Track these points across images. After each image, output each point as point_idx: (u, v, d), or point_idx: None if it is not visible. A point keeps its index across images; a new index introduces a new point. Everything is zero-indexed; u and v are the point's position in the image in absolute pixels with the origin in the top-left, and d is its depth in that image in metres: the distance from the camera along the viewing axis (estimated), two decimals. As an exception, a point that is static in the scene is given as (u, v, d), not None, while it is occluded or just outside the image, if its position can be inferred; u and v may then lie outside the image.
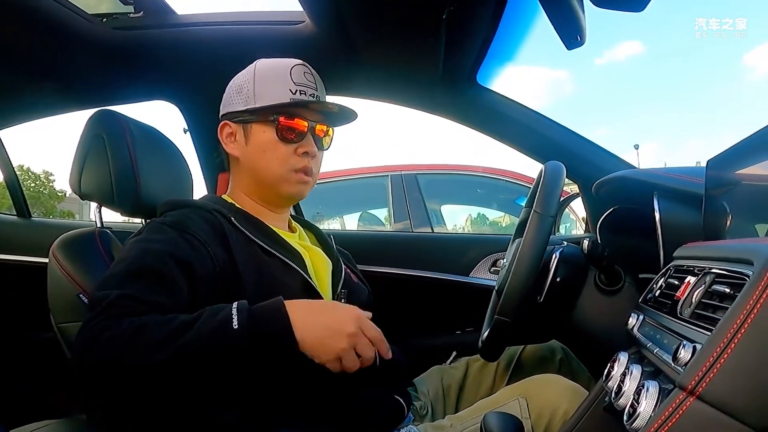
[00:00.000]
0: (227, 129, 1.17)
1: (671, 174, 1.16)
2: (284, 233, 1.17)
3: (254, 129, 1.13)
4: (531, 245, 1.06)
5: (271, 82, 1.11)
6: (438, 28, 1.26)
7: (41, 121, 1.91)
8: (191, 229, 0.99)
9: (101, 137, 1.25)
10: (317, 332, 0.85)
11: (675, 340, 0.73)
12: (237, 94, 1.14)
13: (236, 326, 0.81)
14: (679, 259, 0.96)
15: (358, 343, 0.86)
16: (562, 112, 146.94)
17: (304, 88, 1.12)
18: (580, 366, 1.32)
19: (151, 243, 0.95)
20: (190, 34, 1.50)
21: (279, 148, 1.12)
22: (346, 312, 0.88)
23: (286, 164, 1.12)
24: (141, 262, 0.90)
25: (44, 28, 1.37)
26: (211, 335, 0.80)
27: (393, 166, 3.71)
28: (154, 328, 0.80)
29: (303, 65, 1.15)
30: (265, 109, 1.11)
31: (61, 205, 24.96)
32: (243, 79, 1.15)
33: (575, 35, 1.01)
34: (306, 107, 1.13)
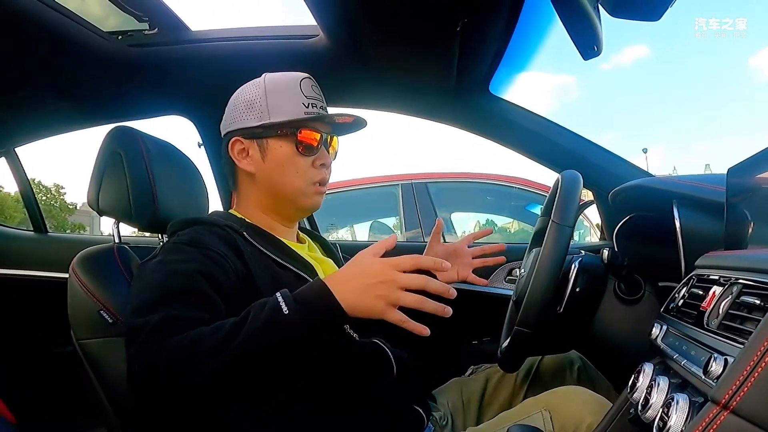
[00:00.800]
0: (239, 145, 1.16)
1: (690, 182, 1.16)
2: (294, 245, 1.18)
3: (271, 144, 1.13)
4: (550, 256, 1.05)
5: (284, 96, 1.12)
6: (451, 40, 1.26)
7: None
8: (209, 245, 1.00)
9: (118, 154, 1.26)
10: (359, 296, 0.84)
11: (704, 352, 0.72)
12: (248, 110, 1.14)
13: (287, 311, 0.81)
14: (701, 269, 0.95)
15: (400, 282, 0.84)
16: (568, 117, 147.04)
17: (314, 101, 1.13)
18: (599, 376, 1.31)
19: (175, 264, 0.95)
20: (204, 50, 1.51)
21: (298, 161, 1.13)
22: (374, 266, 0.86)
23: (305, 177, 1.13)
24: (172, 283, 0.91)
25: (61, 47, 1.38)
26: (265, 326, 0.81)
27: (403, 174, 3.71)
28: (209, 337, 0.81)
29: (309, 79, 1.16)
30: (282, 125, 1.11)
31: (72, 217, 25.20)
32: (253, 95, 1.14)
33: (592, 45, 1.01)
34: (322, 120, 1.14)
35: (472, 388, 1.33)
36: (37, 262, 1.96)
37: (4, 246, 2.04)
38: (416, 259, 0.86)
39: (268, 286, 1.01)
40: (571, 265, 1.18)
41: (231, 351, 0.79)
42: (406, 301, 0.84)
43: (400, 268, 0.85)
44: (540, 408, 1.06)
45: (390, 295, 0.83)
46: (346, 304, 0.83)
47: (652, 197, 1.26)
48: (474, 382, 1.35)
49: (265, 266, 1.05)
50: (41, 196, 25.66)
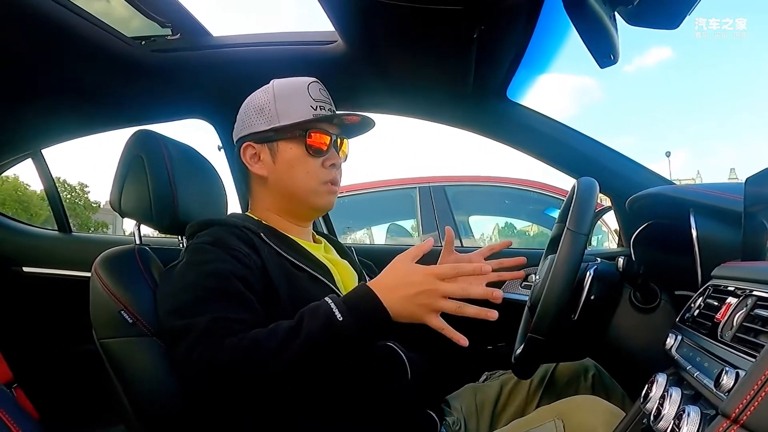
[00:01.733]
0: (250, 150, 1.18)
1: (707, 191, 1.15)
2: (310, 246, 1.20)
3: (281, 147, 1.16)
4: (565, 263, 1.05)
5: (292, 100, 1.15)
6: (469, 46, 1.27)
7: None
8: (233, 245, 1.02)
9: (140, 157, 1.29)
10: (405, 303, 0.89)
11: (716, 365, 0.72)
12: (258, 115, 1.17)
13: (341, 318, 0.87)
14: (717, 279, 0.94)
15: (442, 291, 0.89)
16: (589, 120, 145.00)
17: (322, 104, 1.16)
18: (614, 384, 1.30)
19: (206, 265, 0.98)
20: (225, 55, 1.54)
21: (308, 162, 1.15)
22: (417, 275, 0.90)
23: (316, 177, 1.16)
24: (207, 285, 0.95)
25: (86, 52, 1.42)
26: (322, 332, 0.87)
27: (421, 177, 3.72)
28: (266, 340, 0.87)
29: (317, 82, 1.18)
30: (291, 127, 1.13)
31: (95, 216, 25.63)
32: (262, 100, 1.17)
33: (608, 54, 1.01)
34: (330, 121, 1.16)
35: (486, 393, 1.33)
36: (60, 261, 2.01)
37: (30, 245, 2.10)
38: (457, 268, 0.91)
39: (284, 287, 1.03)
40: (586, 273, 1.18)
41: (291, 354, 0.85)
42: (447, 307, 0.89)
43: (442, 278, 0.90)
44: (553, 417, 1.05)
45: (433, 303, 0.89)
46: (393, 310, 0.89)
47: (669, 205, 1.25)
48: (488, 388, 1.34)
49: (281, 266, 1.07)
50: (66, 194, 26.14)
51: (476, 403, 1.30)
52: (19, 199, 21.74)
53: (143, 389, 1.11)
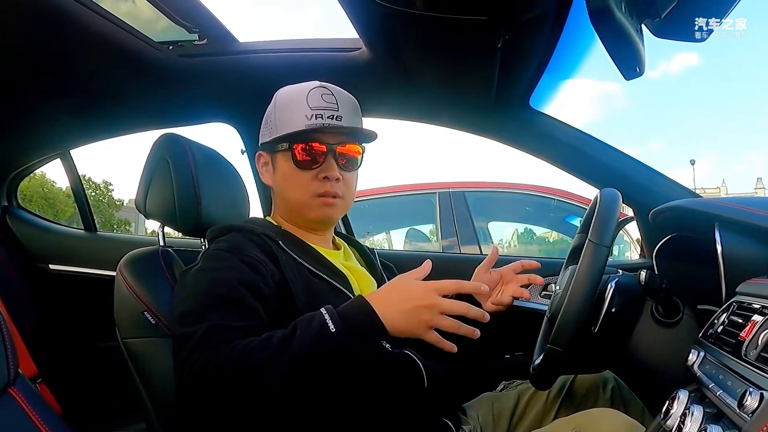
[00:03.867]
0: (262, 159, 1.21)
1: (734, 205, 1.13)
2: (329, 252, 1.19)
3: (278, 158, 1.16)
4: (586, 275, 1.04)
5: (288, 110, 1.14)
6: (493, 55, 1.27)
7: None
8: (249, 252, 1.02)
9: (166, 160, 1.31)
10: (401, 317, 0.88)
11: (740, 384, 0.71)
12: (265, 125, 1.19)
13: (333, 329, 0.85)
14: (742, 296, 0.93)
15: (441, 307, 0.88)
16: (612, 126, 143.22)
17: (321, 111, 1.11)
18: (633, 397, 1.28)
19: (216, 272, 0.98)
20: (250, 61, 1.56)
21: (298, 175, 1.13)
22: (418, 290, 0.89)
23: (307, 191, 1.13)
24: (214, 292, 0.94)
25: (116, 57, 1.45)
26: (314, 342, 0.85)
27: (441, 183, 3.72)
28: (258, 349, 0.84)
29: (321, 87, 1.14)
30: (281, 138, 1.13)
31: (118, 213, 26.03)
32: (269, 110, 1.18)
33: (634, 66, 1.00)
34: (321, 132, 1.12)
35: (503, 403, 1.32)
36: (86, 260, 2.05)
37: (57, 243, 2.15)
38: (458, 284, 0.90)
39: (302, 294, 1.03)
40: (607, 285, 1.16)
41: (281, 364, 0.83)
42: (445, 325, 0.88)
43: (442, 293, 0.88)
44: (570, 429, 1.04)
45: (432, 319, 0.87)
46: (389, 323, 0.87)
47: (694, 218, 1.24)
48: (505, 397, 1.33)
49: (299, 274, 1.06)
50: (90, 191, 26.58)
51: (493, 413, 1.30)
52: (45, 197, 22.17)
53: (164, 389, 1.13)
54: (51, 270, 2.07)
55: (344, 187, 1.16)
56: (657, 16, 0.93)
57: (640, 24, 0.96)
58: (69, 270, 2.06)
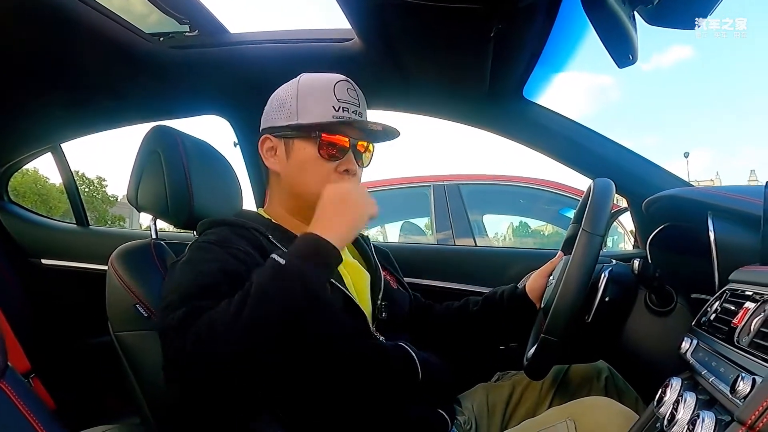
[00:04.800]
0: (268, 143, 1.18)
1: (726, 193, 1.13)
2: None
3: (296, 145, 1.14)
4: (579, 265, 1.04)
5: (314, 98, 1.12)
6: (485, 45, 1.26)
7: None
8: (235, 245, 1.02)
9: (157, 152, 1.30)
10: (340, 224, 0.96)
11: (732, 370, 0.71)
12: (279, 109, 1.15)
13: (284, 262, 0.88)
14: (735, 283, 0.93)
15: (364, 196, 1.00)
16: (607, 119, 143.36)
17: (347, 105, 1.12)
18: (627, 387, 1.28)
19: (200, 263, 0.97)
20: (242, 52, 1.54)
21: (319, 165, 1.12)
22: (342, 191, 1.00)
23: (326, 182, 1.10)
24: (195, 282, 0.93)
25: (105, 48, 1.43)
26: (269, 280, 0.86)
27: (436, 176, 3.70)
28: (223, 311, 0.84)
29: (346, 81, 1.15)
30: (307, 127, 1.12)
31: (112, 209, 25.97)
32: (285, 94, 1.16)
33: (627, 54, 0.99)
34: (350, 126, 1.13)
35: (498, 394, 1.32)
36: (78, 254, 2.04)
37: (49, 237, 2.13)
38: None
39: None
40: (600, 275, 1.17)
41: (246, 313, 0.82)
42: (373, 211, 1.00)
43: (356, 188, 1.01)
44: (565, 417, 1.04)
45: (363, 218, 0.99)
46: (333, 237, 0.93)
47: (687, 207, 1.24)
48: (500, 388, 1.34)
49: None
50: (84, 187, 26.51)
51: (488, 403, 1.30)
52: (39, 192, 22.10)
53: (157, 382, 1.13)
54: (43, 265, 2.05)
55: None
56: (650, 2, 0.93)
57: (632, 11, 0.96)
58: (61, 264, 2.04)
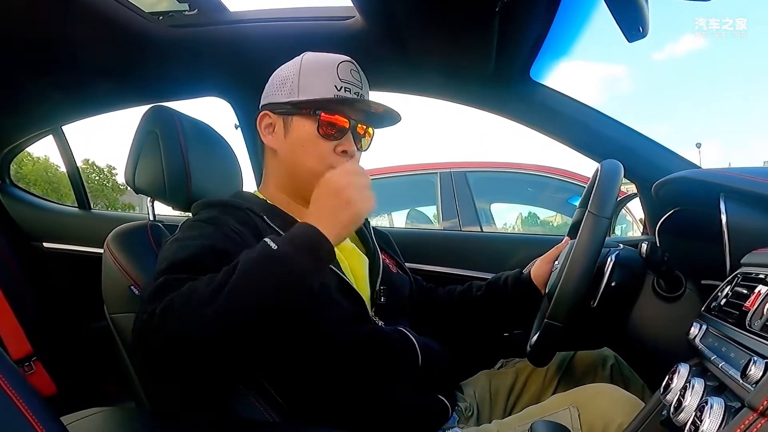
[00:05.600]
0: (267, 119, 1.15)
1: (739, 174, 1.09)
2: None
3: (295, 122, 1.12)
4: (585, 248, 1.01)
5: (316, 76, 1.10)
6: (490, 22, 1.22)
7: (106, 117, 1.99)
8: (226, 223, 1.00)
9: (155, 133, 1.28)
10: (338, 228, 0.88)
11: (743, 355, 0.68)
12: (280, 86, 1.13)
13: (275, 247, 0.83)
14: (747, 266, 0.89)
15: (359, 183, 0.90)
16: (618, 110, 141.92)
17: (349, 86, 1.10)
18: (633, 375, 1.25)
19: (188, 240, 0.95)
20: (242, 31, 1.51)
21: (318, 144, 1.10)
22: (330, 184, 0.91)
23: (323, 162, 1.09)
24: (179, 257, 0.90)
25: (104, 27, 1.41)
26: (258, 262, 0.82)
27: (442, 163, 3.67)
28: (204, 285, 0.80)
29: (350, 62, 1.13)
30: (307, 103, 1.09)
31: (122, 197, 26.14)
32: (288, 72, 1.13)
33: (637, 26, 0.95)
34: (350, 105, 1.11)
35: (501, 381, 1.30)
36: (80, 237, 2.03)
37: (51, 221, 2.13)
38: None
39: None
40: (607, 259, 1.13)
41: (227, 289, 0.78)
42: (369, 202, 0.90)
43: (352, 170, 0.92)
44: (568, 405, 1.02)
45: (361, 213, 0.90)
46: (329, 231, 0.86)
47: (697, 190, 1.19)
48: (503, 375, 1.31)
49: None
50: (94, 176, 26.69)
51: (490, 390, 1.28)
52: (50, 180, 22.28)
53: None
54: (45, 248, 2.05)
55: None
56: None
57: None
58: (63, 248, 2.04)
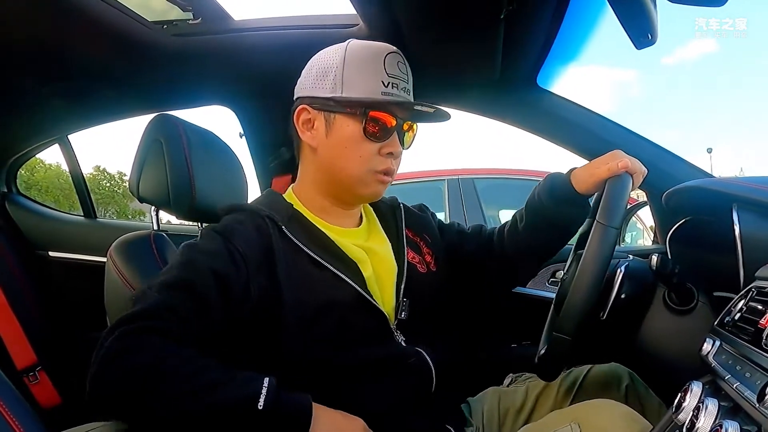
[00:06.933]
0: (305, 114, 1.06)
1: (753, 184, 1.06)
2: (348, 232, 1.10)
3: (338, 120, 1.03)
4: (594, 259, 0.98)
5: (362, 69, 1.01)
6: (496, 29, 1.20)
7: (117, 124, 2.00)
8: (236, 241, 0.95)
9: (159, 141, 1.28)
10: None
11: (759, 376, 0.65)
12: (322, 78, 1.04)
13: (261, 407, 0.80)
14: (762, 280, 0.86)
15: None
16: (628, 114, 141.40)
17: (396, 81, 1.02)
18: (649, 393, 1.17)
19: (198, 254, 0.94)
20: (246, 40, 1.50)
21: (363, 145, 1.02)
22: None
23: (367, 164, 1.03)
24: (182, 275, 0.89)
25: (107, 37, 1.40)
26: (235, 407, 0.80)
27: (450, 170, 3.66)
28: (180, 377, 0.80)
29: (397, 53, 1.05)
30: (354, 102, 1.01)
31: (133, 204, 26.33)
32: (330, 62, 1.04)
33: (646, 33, 0.92)
34: (398, 104, 1.03)
35: (510, 398, 1.23)
36: (85, 247, 2.02)
37: (57, 230, 2.12)
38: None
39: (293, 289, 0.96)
40: (616, 270, 1.10)
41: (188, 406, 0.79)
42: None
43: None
44: (569, 421, 0.97)
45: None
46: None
47: (710, 200, 1.17)
48: (513, 393, 1.25)
49: (297, 265, 0.98)
50: (105, 182, 26.94)
51: (499, 409, 1.21)
52: (62, 187, 22.50)
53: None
54: (51, 257, 2.05)
55: (396, 166, 1.09)
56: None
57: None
58: (69, 257, 2.03)
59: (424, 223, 1.28)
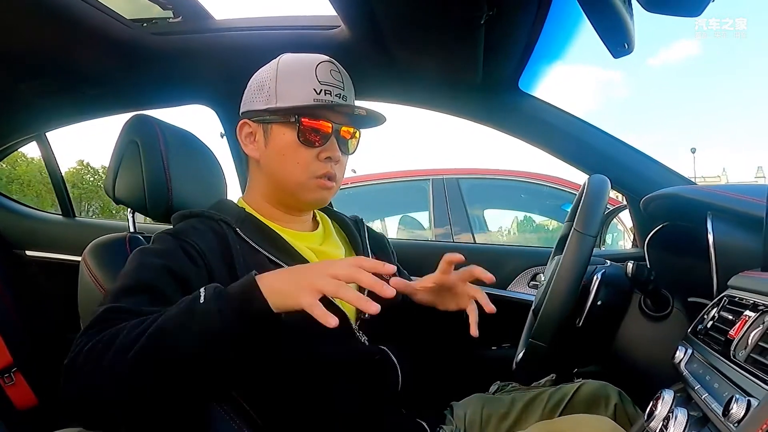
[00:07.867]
0: (246, 128, 1.10)
1: (729, 193, 1.07)
2: (302, 236, 1.12)
3: (274, 130, 1.06)
4: (570, 266, 0.99)
5: (294, 80, 1.04)
6: (477, 33, 1.19)
7: (99, 120, 1.94)
8: (192, 239, 0.95)
9: (135, 142, 1.25)
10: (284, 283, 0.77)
11: (727, 387, 0.65)
12: (258, 92, 1.07)
13: (203, 301, 0.75)
14: (734, 289, 0.87)
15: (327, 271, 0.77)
16: (613, 115, 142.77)
17: (329, 88, 1.04)
18: (637, 411, 1.14)
19: (149, 256, 0.92)
20: (227, 39, 1.49)
21: (300, 152, 1.04)
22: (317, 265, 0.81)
23: (307, 170, 1.05)
24: (136, 277, 0.88)
25: (85, 35, 1.38)
26: (179, 315, 0.75)
27: (434, 169, 3.66)
28: (130, 329, 0.76)
29: (330, 62, 1.07)
30: (286, 110, 1.03)
31: (117, 199, 26.11)
32: (264, 76, 1.08)
33: (622, 43, 0.93)
34: (332, 109, 1.05)
35: (495, 406, 1.22)
36: (63, 246, 1.99)
37: (34, 228, 2.08)
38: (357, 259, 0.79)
39: None
40: (593, 277, 1.11)
41: (144, 340, 0.74)
42: (327, 287, 0.75)
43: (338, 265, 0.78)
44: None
45: (314, 281, 0.75)
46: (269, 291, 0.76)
47: (686, 207, 1.18)
48: (498, 401, 1.23)
49: (256, 265, 0.96)
50: (89, 177, 26.60)
51: (482, 415, 1.20)
52: (44, 181, 22.19)
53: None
54: (28, 256, 2.01)
55: (339, 171, 1.10)
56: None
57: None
58: (46, 256, 2.00)
59: (383, 246, 1.30)
